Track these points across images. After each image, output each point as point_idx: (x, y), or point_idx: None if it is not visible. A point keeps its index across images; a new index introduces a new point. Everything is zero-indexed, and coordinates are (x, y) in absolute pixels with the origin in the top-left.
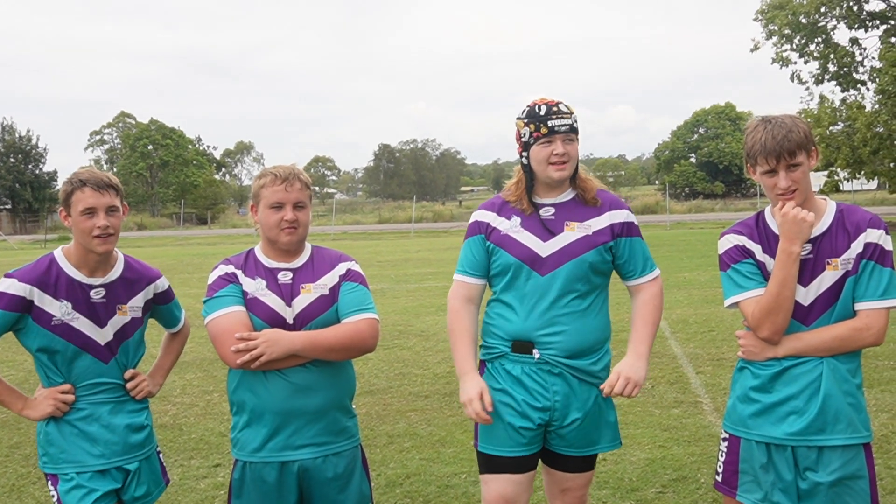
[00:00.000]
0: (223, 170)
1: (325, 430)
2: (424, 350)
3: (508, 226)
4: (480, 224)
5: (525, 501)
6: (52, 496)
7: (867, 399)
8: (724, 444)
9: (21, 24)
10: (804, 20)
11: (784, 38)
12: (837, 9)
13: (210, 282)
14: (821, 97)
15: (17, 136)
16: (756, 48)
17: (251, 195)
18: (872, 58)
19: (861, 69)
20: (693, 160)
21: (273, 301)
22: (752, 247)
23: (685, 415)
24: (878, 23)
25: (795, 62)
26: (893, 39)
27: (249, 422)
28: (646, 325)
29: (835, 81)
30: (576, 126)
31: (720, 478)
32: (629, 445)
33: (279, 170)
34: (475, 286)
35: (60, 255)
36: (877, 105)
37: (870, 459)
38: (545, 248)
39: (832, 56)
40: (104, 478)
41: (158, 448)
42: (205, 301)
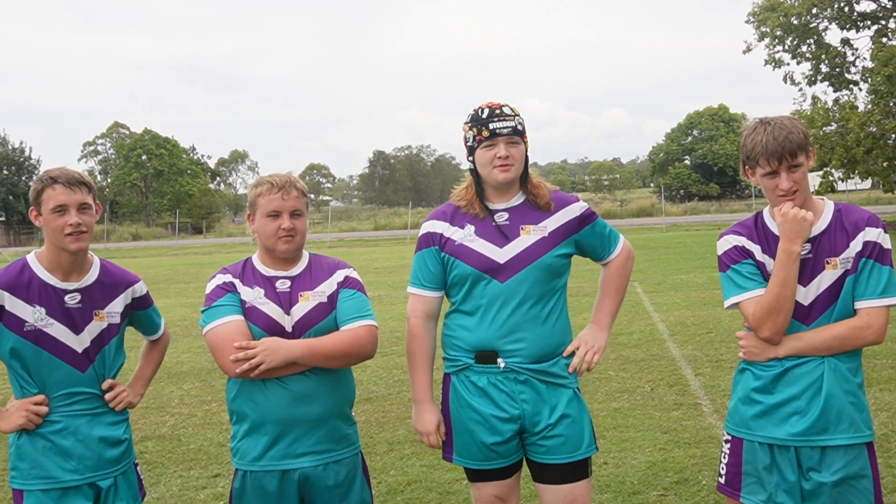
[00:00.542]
0: (218, 179)
1: (326, 438)
2: None
3: (462, 235)
4: (433, 235)
5: (517, 495)
6: None
7: (867, 398)
8: (727, 446)
9: (13, 35)
10: (796, 21)
11: (776, 40)
12: (829, 10)
13: (208, 291)
14: (814, 98)
15: (11, 148)
16: (748, 50)
17: (248, 204)
18: (864, 58)
19: (853, 69)
20: (688, 162)
21: (271, 309)
22: (752, 247)
23: (685, 417)
24: (870, 23)
25: (788, 63)
26: (885, 40)
27: (249, 431)
28: (610, 297)
29: (827, 82)
30: (520, 128)
31: (723, 480)
32: (630, 449)
33: (276, 178)
34: (433, 299)
35: (33, 259)
36: (869, 105)
37: (873, 458)
38: (503, 255)
39: (824, 57)
40: (74, 496)
41: (136, 461)
42: (203, 311)
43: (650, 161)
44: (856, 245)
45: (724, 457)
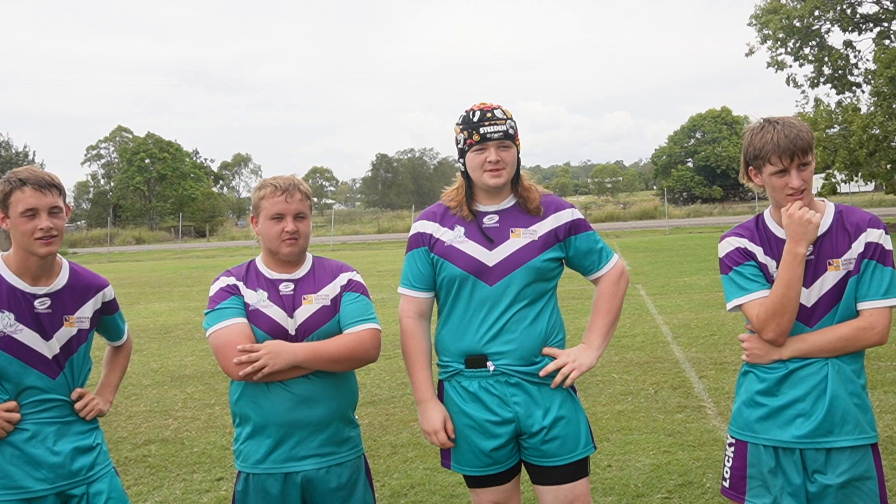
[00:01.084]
0: (221, 182)
1: (329, 441)
2: None
3: (452, 236)
4: (423, 236)
5: (518, 499)
6: None
7: (871, 400)
8: (731, 449)
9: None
10: (798, 24)
11: (778, 42)
12: (831, 12)
13: (211, 294)
14: (816, 100)
15: (14, 152)
16: (751, 52)
17: (251, 206)
18: (867, 60)
19: (856, 71)
20: (690, 165)
21: (275, 312)
22: (754, 249)
23: (689, 419)
24: (872, 25)
25: (790, 66)
26: (887, 42)
27: (252, 433)
28: (602, 317)
29: (830, 84)
30: (511, 132)
31: (727, 483)
32: (633, 451)
33: (279, 181)
34: (424, 300)
35: (0, 263)
36: (872, 107)
37: (878, 460)
38: (492, 257)
39: (827, 59)
40: None
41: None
42: (206, 313)
43: (653, 164)
44: (858, 246)
45: (728, 460)
